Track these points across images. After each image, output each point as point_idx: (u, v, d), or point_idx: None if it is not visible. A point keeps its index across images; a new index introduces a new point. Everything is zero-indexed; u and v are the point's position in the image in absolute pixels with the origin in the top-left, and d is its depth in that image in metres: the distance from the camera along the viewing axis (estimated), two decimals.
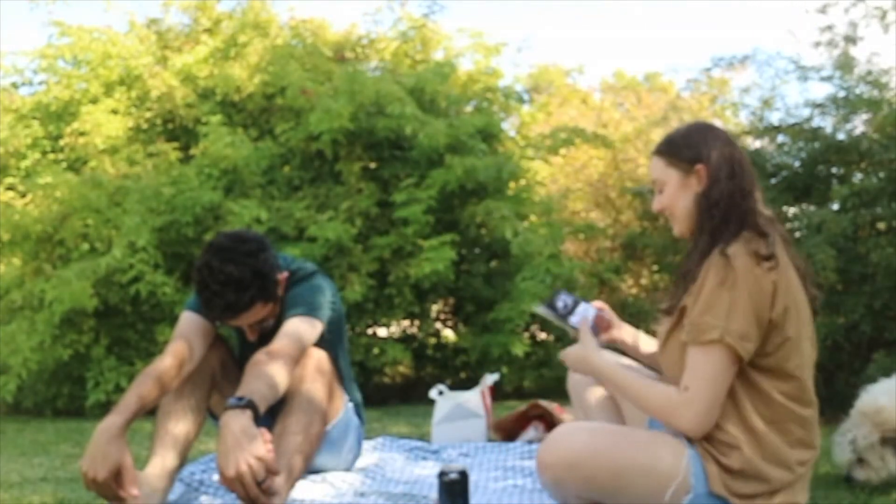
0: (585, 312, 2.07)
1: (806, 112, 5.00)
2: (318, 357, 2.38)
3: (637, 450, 1.72)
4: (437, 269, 5.01)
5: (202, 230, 5.16)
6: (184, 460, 2.26)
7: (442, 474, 2.02)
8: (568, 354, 1.99)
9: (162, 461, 2.17)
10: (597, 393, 2.19)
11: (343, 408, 2.55)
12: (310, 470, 2.45)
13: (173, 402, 2.27)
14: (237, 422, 1.92)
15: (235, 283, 2.26)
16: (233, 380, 2.42)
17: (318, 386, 2.33)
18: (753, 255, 1.71)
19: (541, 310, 2.11)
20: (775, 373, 1.75)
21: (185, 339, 2.31)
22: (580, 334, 2.00)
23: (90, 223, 5.17)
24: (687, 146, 1.87)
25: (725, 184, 1.80)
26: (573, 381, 2.28)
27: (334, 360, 2.52)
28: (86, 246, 5.21)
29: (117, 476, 1.96)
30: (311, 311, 2.38)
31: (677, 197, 1.87)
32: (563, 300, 2.08)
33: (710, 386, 1.70)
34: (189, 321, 2.40)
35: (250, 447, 1.87)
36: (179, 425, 2.23)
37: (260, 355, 2.18)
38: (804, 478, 1.79)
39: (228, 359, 2.46)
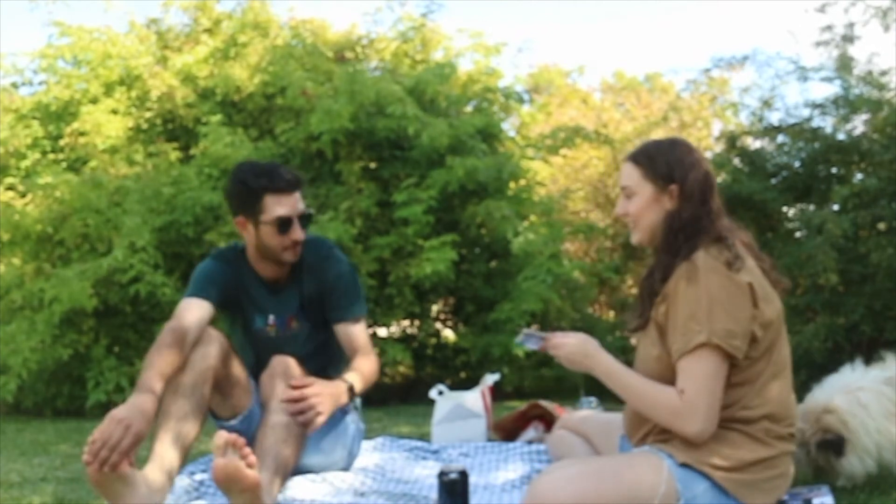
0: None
1: (806, 112, 5.00)
2: (288, 364, 2.41)
3: (618, 481, 1.75)
4: (438, 269, 5.01)
5: (202, 230, 5.16)
6: (184, 461, 2.26)
7: (442, 474, 2.02)
8: (561, 346, 1.95)
9: (161, 461, 2.16)
10: (576, 451, 2.28)
11: None
12: (307, 470, 2.46)
13: (174, 402, 2.26)
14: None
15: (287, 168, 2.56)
16: (235, 380, 2.42)
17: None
18: (717, 259, 1.77)
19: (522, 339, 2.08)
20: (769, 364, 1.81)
21: (178, 318, 2.35)
22: (571, 337, 1.97)
23: (90, 223, 5.17)
24: (666, 164, 1.91)
25: (697, 208, 1.86)
26: (553, 439, 2.44)
27: (338, 360, 2.59)
28: (86, 246, 5.21)
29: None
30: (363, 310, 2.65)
31: (647, 209, 1.93)
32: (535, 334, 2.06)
33: (706, 387, 1.73)
34: (186, 303, 2.43)
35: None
36: (180, 426, 2.23)
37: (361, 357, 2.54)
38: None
39: (231, 359, 2.45)
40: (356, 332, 2.57)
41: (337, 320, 2.58)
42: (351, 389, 2.42)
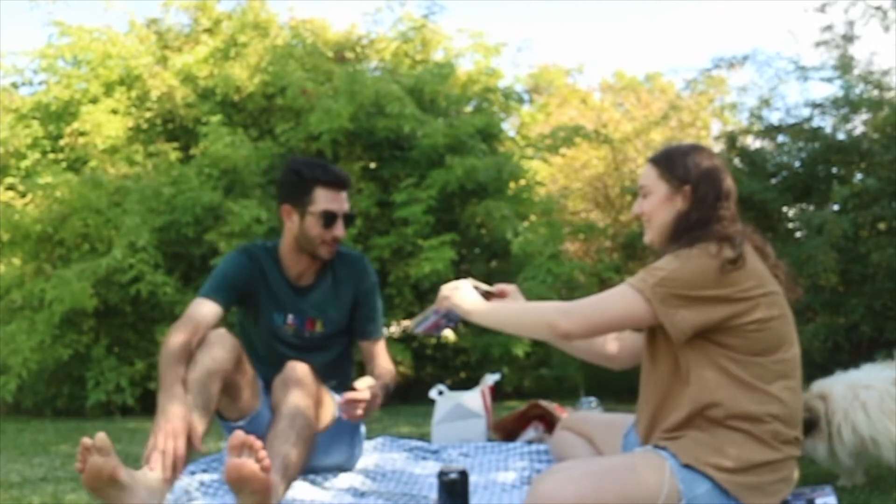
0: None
1: (806, 112, 5.01)
2: (302, 372, 2.43)
3: (620, 482, 1.75)
4: (437, 268, 5.01)
5: (202, 230, 5.16)
6: (187, 460, 2.25)
7: (442, 474, 2.02)
8: (449, 285, 2.19)
9: (162, 461, 2.15)
10: (579, 452, 2.30)
11: (334, 412, 2.55)
12: (308, 471, 2.45)
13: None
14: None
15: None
16: (244, 383, 2.42)
17: (302, 395, 2.37)
18: (714, 257, 1.78)
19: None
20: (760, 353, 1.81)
21: (188, 318, 2.37)
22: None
23: (90, 223, 5.17)
24: (683, 165, 1.93)
25: (707, 212, 1.88)
26: (555, 440, 2.46)
27: (350, 370, 2.72)
28: (86, 246, 5.21)
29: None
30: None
31: (660, 209, 1.95)
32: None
33: (605, 307, 1.83)
34: (199, 302, 2.44)
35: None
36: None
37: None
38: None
39: (242, 362, 2.43)
40: (382, 350, 2.72)
41: (367, 336, 2.70)
42: (386, 395, 2.51)
